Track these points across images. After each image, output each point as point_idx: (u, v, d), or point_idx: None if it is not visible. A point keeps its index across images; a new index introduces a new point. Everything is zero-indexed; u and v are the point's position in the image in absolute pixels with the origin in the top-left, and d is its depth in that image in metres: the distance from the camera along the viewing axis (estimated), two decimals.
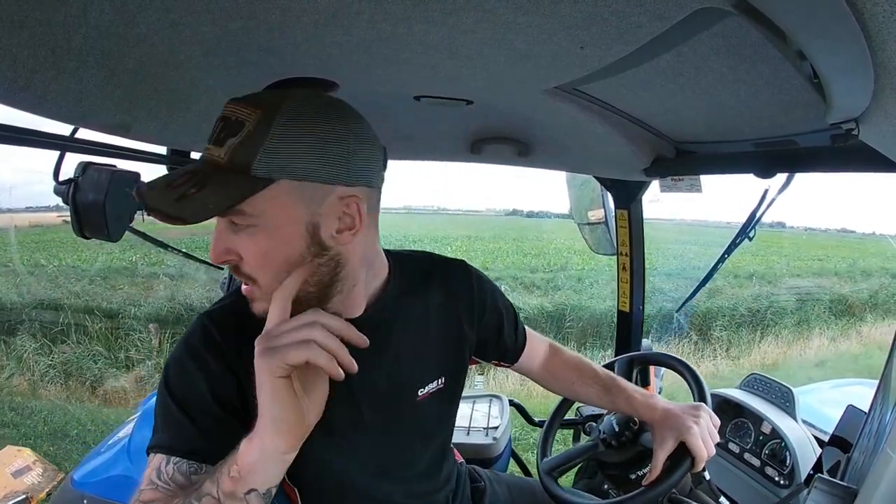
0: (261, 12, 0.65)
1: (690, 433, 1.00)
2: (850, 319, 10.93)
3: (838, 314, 11.17)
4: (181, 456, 0.76)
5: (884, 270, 14.33)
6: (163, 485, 0.74)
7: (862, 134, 0.63)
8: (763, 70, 0.75)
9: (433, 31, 0.71)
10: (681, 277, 10.46)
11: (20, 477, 3.53)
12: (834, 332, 10.13)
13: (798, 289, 11.96)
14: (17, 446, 3.86)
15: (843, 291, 12.27)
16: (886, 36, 0.40)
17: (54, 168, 1.00)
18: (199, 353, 0.80)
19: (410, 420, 0.95)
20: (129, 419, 1.96)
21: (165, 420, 0.78)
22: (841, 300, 11.71)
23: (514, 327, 1.14)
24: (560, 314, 9.72)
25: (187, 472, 0.76)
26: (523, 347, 1.18)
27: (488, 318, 1.07)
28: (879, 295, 12.24)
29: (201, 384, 0.78)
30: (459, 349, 1.01)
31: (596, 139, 1.27)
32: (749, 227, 1.52)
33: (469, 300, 1.03)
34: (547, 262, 14.66)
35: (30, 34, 0.54)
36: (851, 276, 13.81)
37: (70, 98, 0.69)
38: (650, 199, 1.80)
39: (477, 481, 1.21)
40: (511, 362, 1.18)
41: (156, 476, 0.75)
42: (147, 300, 7.95)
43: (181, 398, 0.78)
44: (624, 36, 0.68)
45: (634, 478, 1.13)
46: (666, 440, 1.01)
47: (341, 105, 0.74)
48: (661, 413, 1.05)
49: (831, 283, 12.86)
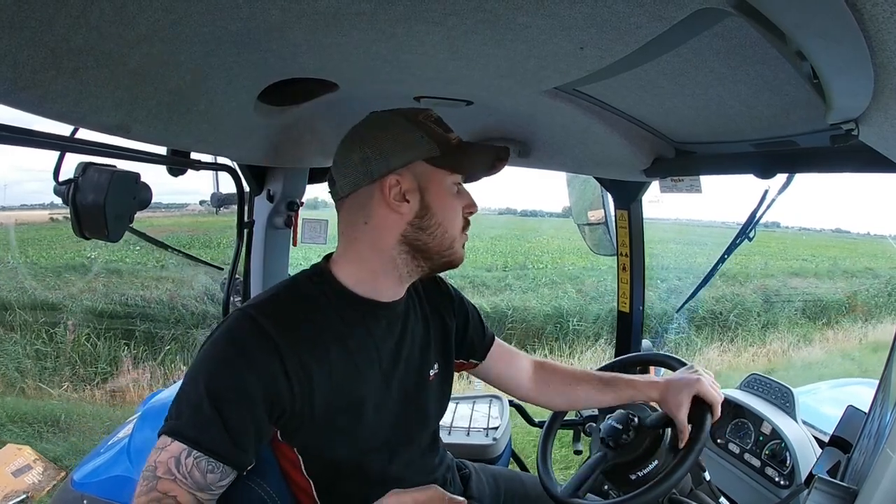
0: (261, 13, 0.65)
1: (700, 384, 1.09)
2: (819, 323, 10.30)
3: (812, 317, 10.54)
4: (204, 452, 0.76)
5: (868, 271, 13.74)
6: (181, 478, 0.75)
7: (862, 134, 0.63)
8: (763, 70, 0.75)
9: (433, 31, 0.71)
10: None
11: (20, 476, 3.49)
12: (798, 336, 9.39)
13: (767, 289, 11.07)
14: (17, 445, 3.82)
15: (818, 292, 11.52)
16: (886, 36, 0.40)
17: (54, 168, 0.99)
18: (250, 351, 0.81)
19: (421, 401, 1.01)
20: (128, 419, 1.96)
21: (194, 413, 0.78)
22: (816, 302, 10.98)
23: (479, 324, 1.20)
24: (501, 315, 9.13)
25: (205, 469, 0.77)
26: (491, 342, 1.22)
27: (458, 313, 1.15)
28: (859, 296, 11.51)
29: (251, 385, 0.79)
30: (448, 338, 1.10)
31: (596, 140, 1.27)
32: (749, 228, 1.52)
33: (447, 296, 1.13)
34: (505, 262, 13.70)
35: (30, 34, 0.54)
36: (832, 277, 13.13)
37: (70, 98, 0.69)
38: (649, 199, 1.80)
39: (462, 469, 1.24)
40: (480, 359, 1.21)
41: (174, 466, 0.75)
42: (84, 295, 7.87)
43: (219, 397, 0.78)
44: (624, 37, 0.68)
45: (635, 478, 1.13)
46: (681, 401, 1.08)
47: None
48: (664, 383, 1.13)
49: (806, 284, 12.07)
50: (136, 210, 1.08)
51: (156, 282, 8.33)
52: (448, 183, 0.91)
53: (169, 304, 7.58)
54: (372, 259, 0.92)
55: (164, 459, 0.76)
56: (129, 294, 7.87)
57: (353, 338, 0.91)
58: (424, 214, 0.90)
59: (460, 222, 0.94)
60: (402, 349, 0.98)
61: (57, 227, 10.43)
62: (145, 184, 1.09)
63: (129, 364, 6.35)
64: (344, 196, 0.90)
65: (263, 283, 1.68)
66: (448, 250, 0.93)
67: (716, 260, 1.71)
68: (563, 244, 15.34)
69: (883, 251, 15.20)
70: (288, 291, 0.92)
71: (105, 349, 6.60)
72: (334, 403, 0.86)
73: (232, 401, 0.78)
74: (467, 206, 0.95)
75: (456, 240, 0.94)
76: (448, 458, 1.16)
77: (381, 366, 0.94)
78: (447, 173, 0.91)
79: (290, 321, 0.84)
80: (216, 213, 1.68)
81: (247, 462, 0.82)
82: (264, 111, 1.08)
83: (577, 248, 13.09)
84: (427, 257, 0.93)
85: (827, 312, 10.67)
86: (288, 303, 0.89)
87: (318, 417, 0.85)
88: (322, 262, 0.97)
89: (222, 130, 1.09)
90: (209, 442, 0.77)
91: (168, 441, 0.77)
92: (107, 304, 7.52)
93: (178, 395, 0.80)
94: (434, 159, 0.89)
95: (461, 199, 0.94)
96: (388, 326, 0.96)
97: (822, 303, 10.97)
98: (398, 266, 0.92)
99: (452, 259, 0.95)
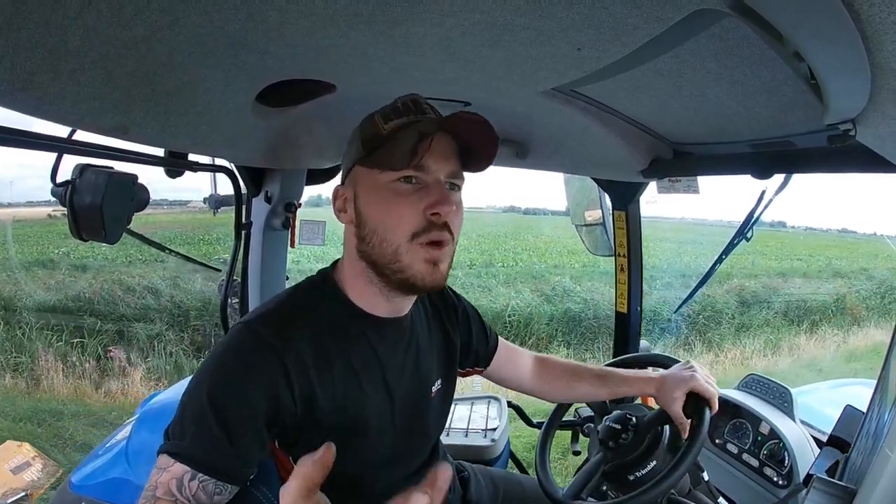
0: (258, 14, 0.65)
1: (694, 379, 1.09)
2: (797, 327, 9.34)
3: (793, 320, 9.58)
4: (209, 475, 0.73)
5: (862, 272, 12.77)
6: (183, 499, 0.72)
7: (859, 135, 0.63)
8: (760, 71, 0.76)
9: (430, 32, 0.71)
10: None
11: (20, 473, 3.39)
12: (767, 341, 8.50)
13: (743, 290, 10.03)
14: (17, 441, 3.77)
15: (803, 294, 10.56)
16: (883, 37, 0.41)
17: (51, 170, 0.99)
18: (253, 363, 0.76)
19: (423, 416, 0.98)
20: (126, 421, 1.95)
21: (198, 431, 0.74)
22: (799, 304, 10.03)
23: (482, 330, 1.18)
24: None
25: (212, 492, 0.73)
26: (495, 349, 1.21)
27: (462, 323, 1.12)
28: (847, 299, 10.58)
29: (255, 397, 0.75)
30: (452, 352, 1.07)
31: (593, 140, 1.27)
32: (747, 228, 1.53)
33: (451, 307, 1.10)
34: (483, 260, 13.16)
35: (28, 36, 0.54)
36: (822, 278, 12.28)
37: (68, 100, 0.69)
38: (646, 200, 1.80)
39: (461, 472, 1.25)
40: (485, 366, 1.21)
41: (176, 488, 0.72)
42: (38, 293, 7.87)
43: (225, 415, 0.73)
44: (621, 38, 0.68)
45: (633, 479, 1.13)
46: (675, 397, 1.09)
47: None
48: (659, 380, 1.13)
49: (787, 286, 11.05)
50: (134, 211, 1.08)
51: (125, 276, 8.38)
52: (383, 182, 0.79)
53: (111, 300, 7.60)
54: (354, 271, 0.87)
55: (164, 481, 0.72)
56: (77, 288, 7.92)
57: (357, 354, 0.86)
58: (360, 223, 0.82)
59: (407, 227, 0.78)
60: (405, 366, 0.94)
61: (54, 223, 10.46)
62: (143, 185, 1.09)
63: (50, 356, 6.32)
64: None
65: (261, 285, 1.68)
66: (393, 262, 0.79)
67: (714, 261, 1.71)
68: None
69: (883, 251, 14.67)
70: (291, 303, 0.87)
71: (33, 341, 6.58)
72: (336, 420, 0.83)
73: (237, 415, 0.74)
74: (429, 206, 0.78)
75: (400, 249, 0.79)
76: (449, 463, 1.15)
77: (386, 384, 0.90)
78: (378, 171, 0.79)
79: (294, 335, 0.80)
80: (214, 215, 1.67)
81: (251, 475, 0.80)
82: (262, 112, 1.07)
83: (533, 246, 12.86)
84: (380, 272, 0.82)
85: (810, 315, 9.79)
86: (291, 315, 0.83)
87: (317, 432, 0.82)
88: (329, 269, 0.93)
89: (220, 132, 1.09)
90: (216, 462, 0.73)
91: (170, 462, 0.73)
92: (59, 299, 7.55)
93: (180, 412, 0.76)
94: (361, 160, 0.82)
95: (416, 199, 0.78)
96: (392, 343, 0.92)
97: (806, 305, 10.09)
98: (373, 282, 0.85)
99: (405, 276, 0.80)
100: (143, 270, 8.49)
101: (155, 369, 6.42)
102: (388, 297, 0.87)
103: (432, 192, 0.79)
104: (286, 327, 0.80)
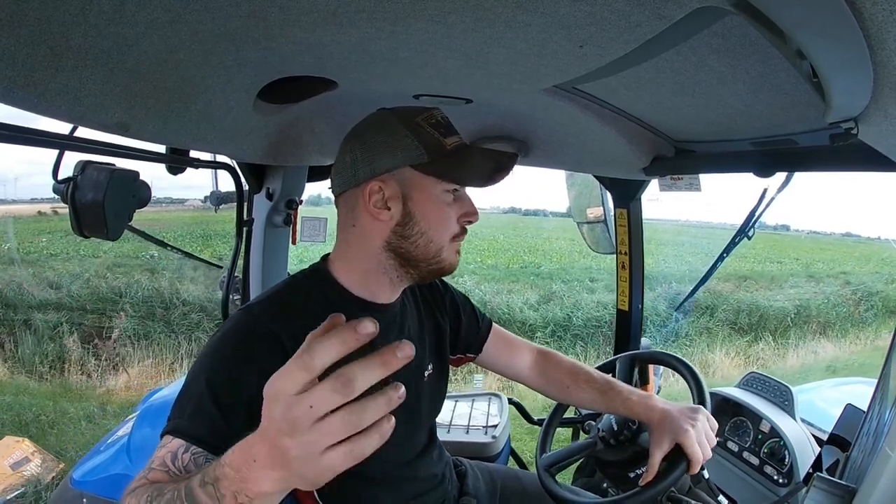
0: (260, 11, 0.65)
1: (686, 436, 0.99)
2: (741, 338, 8.23)
3: (740, 330, 8.49)
4: (202, 447, 0.75)
5: (841, 276, 11.81)
6: (175, 470, 0.74)
7: (861, 133, 0.63)
8: (762, 69, 0.75)
9: (432, 29, 0.70)
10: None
11: (19, 469, 3.41)
12: (688, 355, 6.58)
13: (679, 295, 8.47)
14: (16, 437, 3.72)
15: (757, 300, 9.30)
16: (886, 35, 0.40)
17: (53, 167, 0.99)
18: (252, 344, 0.80)
19: (417, 400, 1.01)
20: (128, 417, 1.96)
21: (196, 410, 0.77)
22: (753, 312, 8.82)
23: (472, 318, 1.20)
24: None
25: (202, 464, 0.75)
26: (487, 336, 1.22)
27: (451, 312, 1.15)
28: (811, 306, 9.29)
29: (250, 378, 0.75)
30: (441, 338, 1.10)
31: (595, 138, 1.27)
32: (748, 227, 1.52)
33: (439, 295, 1.14)
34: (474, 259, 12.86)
35: (29, 32, 0.54)
36: (790, 282, 11.03)
37: (69, 96, 0.69)
38: (648, 198, 1.80)
39: (458, 466, 1.25)
40: (476, 353, 1.22)
41: (170, 460, 0.74)
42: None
43: (219, 392, 0.77)
44: (623, 35, 0.68)
45: (633, 476, 1.13)
46: (662, 441, 1.01)
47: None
48: (659, 414, 1.05)
49: (739, 291, 9.89)
50: (136, 208, 1.08)
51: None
52: (437, 191, 0.88)
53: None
54: (362, 262, 0.91)
55: (161, 454, 0.75)
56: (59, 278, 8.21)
57: None
58: (407, 223, 0.87)
59: (451, 231, 0.91)
60: None
61: (42, 220, 10.56)
62: (144, 182, 1.09)
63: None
64: (337, 196, 0.91)
65: (262, 282, 1.68)
66: (434, 259, 0.90)
67: (714, 262, 1.70)
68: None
69: (879, 254, 14.29)
70: (288, 289, 0.92)
71: None
72: None
73: (233, 394, 0.76)
74: (465, 215, 0.92)
75: (443, 249, 0.91)
76: (446, 455, 1.17)
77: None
78: (436, 181, 0.87)
79: (292, 317, 0.83)
80: (216, 212, 1.67)
81: None
82: (263, 109, 1.07)
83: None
84: (413, 265, 0.91)
85: (765, 324, 8.69)
86: (289, 300, 0.89)
87: None
88: (320, 263, 0.97)
89: (221, 128, 1.09)
90: (208, 437, 0.75)
91: (169, 439, 0.76)
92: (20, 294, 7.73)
93: (181, 394, 0.80)
94: (422, 166, 0.86)
95: (457, 208, 0.91)
96: (385, 328, 0.93)
97: (760, 312, 8.90)
98: (387, 271, 0.92)
99: (441, 267, 0.92)
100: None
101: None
102: (395, 286, 0.95)
103: (466, 205, 0.92)
104: (285, 310, 0.85)
